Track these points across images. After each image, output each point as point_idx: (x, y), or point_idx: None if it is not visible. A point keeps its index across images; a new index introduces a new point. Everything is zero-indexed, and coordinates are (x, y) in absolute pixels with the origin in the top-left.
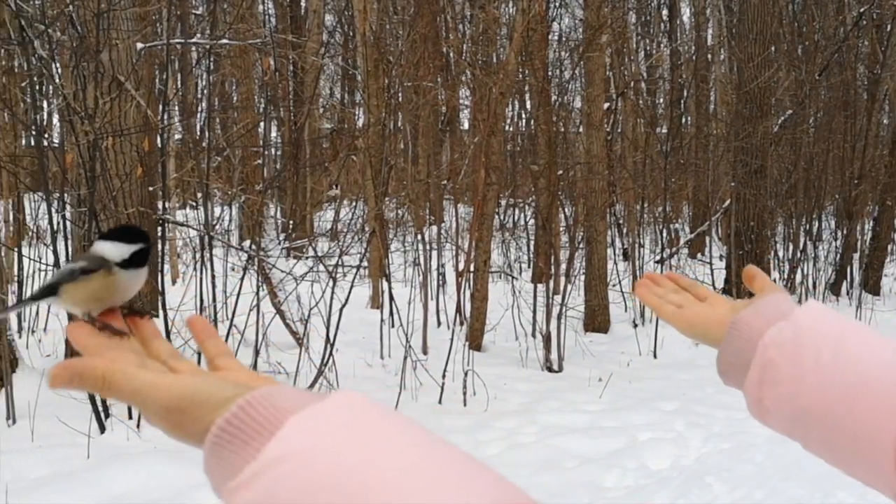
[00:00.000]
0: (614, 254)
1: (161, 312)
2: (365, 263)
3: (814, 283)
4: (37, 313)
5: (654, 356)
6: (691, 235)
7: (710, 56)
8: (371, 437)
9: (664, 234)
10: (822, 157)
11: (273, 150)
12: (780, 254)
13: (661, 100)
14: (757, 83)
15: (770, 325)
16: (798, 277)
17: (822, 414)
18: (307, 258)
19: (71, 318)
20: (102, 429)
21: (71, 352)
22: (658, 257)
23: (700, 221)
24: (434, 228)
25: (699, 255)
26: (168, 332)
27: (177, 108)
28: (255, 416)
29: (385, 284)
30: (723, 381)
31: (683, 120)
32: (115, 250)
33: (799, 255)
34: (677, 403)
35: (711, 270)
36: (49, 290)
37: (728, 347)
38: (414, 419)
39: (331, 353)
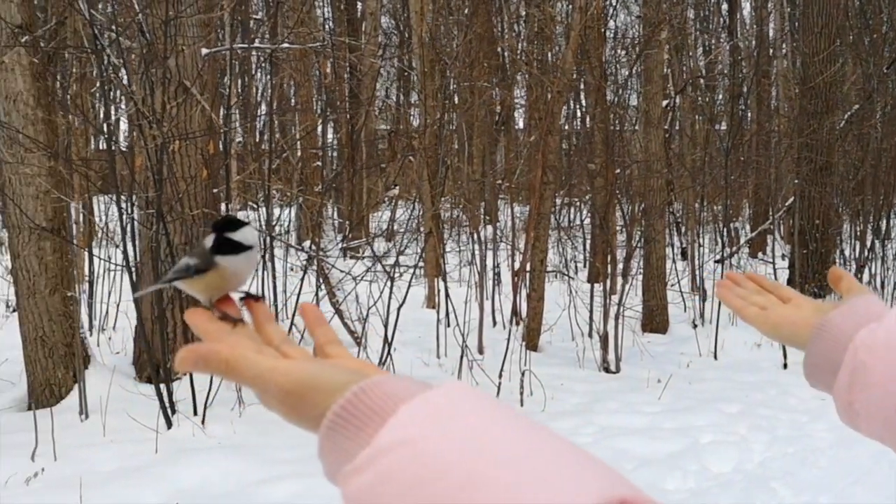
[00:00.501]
0: (673, 253)
1: None
2: (421, 263)
3: (882, 283)
4: (106, 312)
5: (715, 357)
6: (752, 234)
7: (771, 50)
8: (480, 426)
9: (724, 233)
10: (890, 152)
11: (331, 152)
12: (847, 253)
13: (721, 96)
14: (822, 78)
15: (861, 326)
16: (865, 277)
17: None
18: (364, 258)
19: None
20: (169, 424)
21: (139, 350)
22: (718, 257)
23: (761, 220)
24: (489, 228)
25: (760, 255)
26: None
27: (237, 111)
28: (369, 402)
29: (441, 284)
30: (809, 384)
31: (744, 116)
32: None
33: (866, 254)
34: (740, 406)
35: (774, 270)
36: (174, 279)
37: (815, 349)
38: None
39: (389, 353)
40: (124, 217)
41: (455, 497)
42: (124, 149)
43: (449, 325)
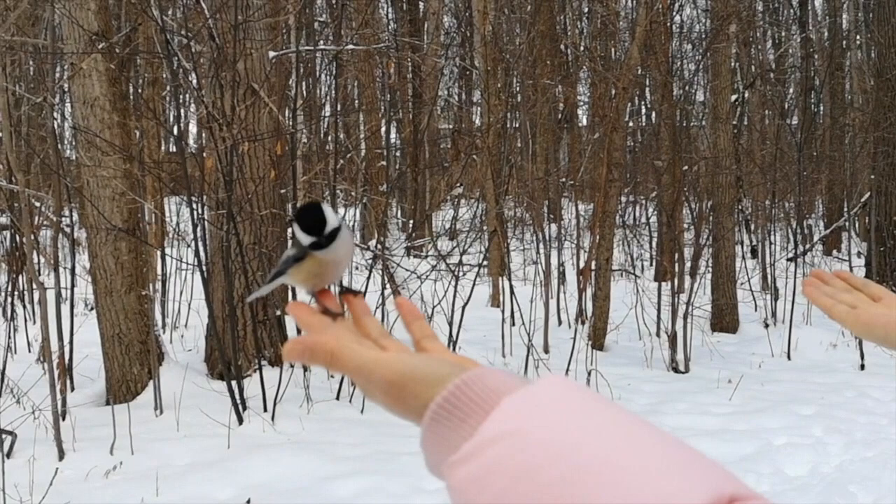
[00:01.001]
0: (742, 251)
1: None
2: (485, 262)
3: None
4: (179, 310)
5: (788, 358)
6: (826, 231)
7: (845, 42)
8: (585, 419)
9: (797, 231)
10: None
11: (395, 152)
12: None
13: (792, 90)
14: None
15: None
16: None
17: None
18: (428, 257)
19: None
20: (240, 420)
21: (210, 348)
22: (790, 255)
23: (836, 216)
24: (553, 226)
25: (835, 253)
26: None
27: (303, 113)
28: (471, 395)
29: (505, 283)
30: None
31: (817, 110)
32: (303, 237)
33: None
34: (815, 407)
35: (850, 268)
36: (279, 274)
37: None
38: (624, 406)
39: (454, 352)
40: (195, 217)
41: (557, 489)
42: (194, 151)
43: (514, 324)
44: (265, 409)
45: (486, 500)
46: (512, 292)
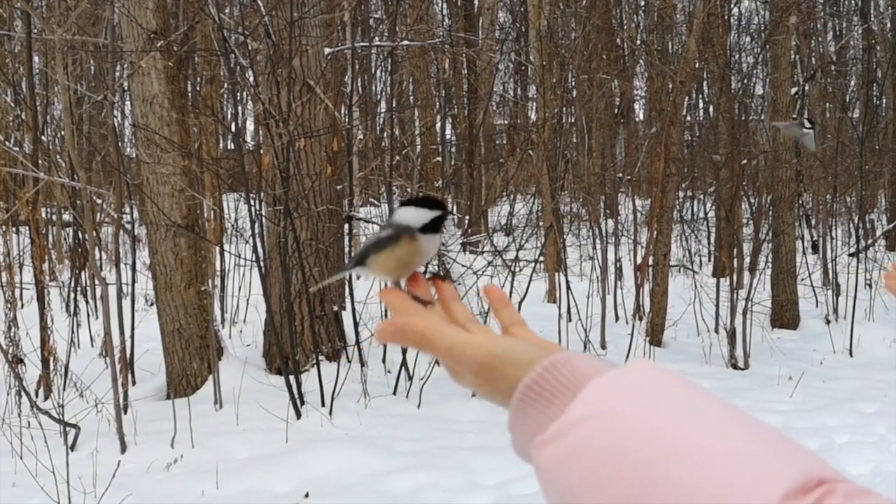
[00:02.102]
0: (803, 246)
1: (349, 305)
2: (541, 258)
3: None
4: (237, 306)
5: (850, 354)
6: (890, 226)
7: None
8: (668, 403)
9: (859, 226)
10: None
11: (450, 148)
12: None
13: (853, 82)
14: None
15: None
16: None
17: None
18: (484, 253)
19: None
20: (298, 415)
21: (268, 343)
22: (852, 250)
23: None
24: (610, 222)
25: None
26: (356, 324)
27: (356, 109)
28: (559, 377)
29: (562, 278)
30: None
31: (879, 103)
32: (416, 216)
33: None
34: (878, 405)
35: None
36: (360, 260)
37: None
38: (711, 391)
39: None
40: (253, 214)
41: (644, 470)
42: (252, 148)
43: (570, 320)
44: (322, 404)
45: (573, 478)
46: (568, 288)
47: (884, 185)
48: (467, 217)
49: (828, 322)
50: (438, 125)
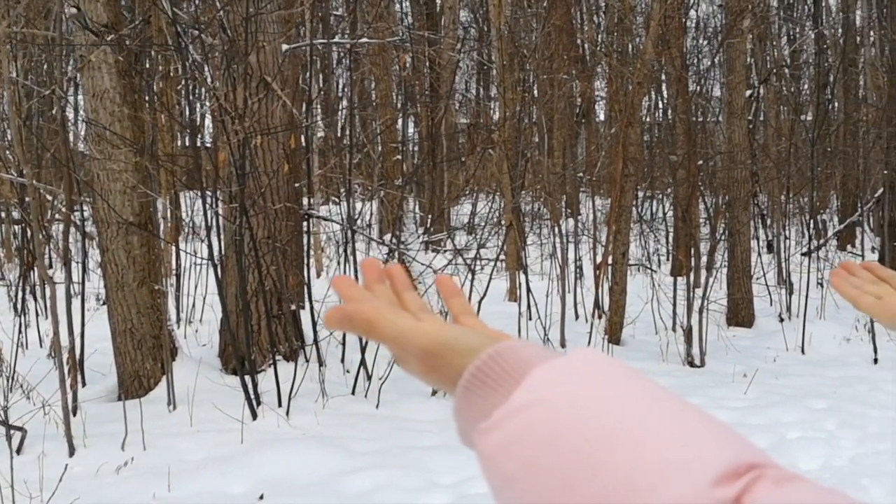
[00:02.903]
0: (758, 246)
1: (307, 304)
2: (502, 256)
3: None
4: (193, 305)
5: (802, 352)
6: (840, 227)
7: (858, 38)
8: (608, 389)
9: (811, 226)
10: None
11: (411, 146)
12: None
13: (806, 85)
14: None
15: None
16: None
17: None
18: (445, 251)
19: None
20: (254, 415)
21: (224, 342)
22: (804, 249)
23: (850, 212)
24: (570, 221)
25: (849, 248)
26: (315, 323)
27: (318, 106)
28: (504, 364)
29: (522, 277)
30: None
31: (831, 106)
32: None
33: None
34: (828, 401)
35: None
36: None
37: None
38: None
39: None
40: (208, 211)
41: (583, 454)
42: (208, 145)
43: (531, 319)
44: (279, 404)
45: (515, 465)
46: (528, 287)
47: (835, 187)
48: (429, 216)
49: (781, 320)
50: (400, 123)
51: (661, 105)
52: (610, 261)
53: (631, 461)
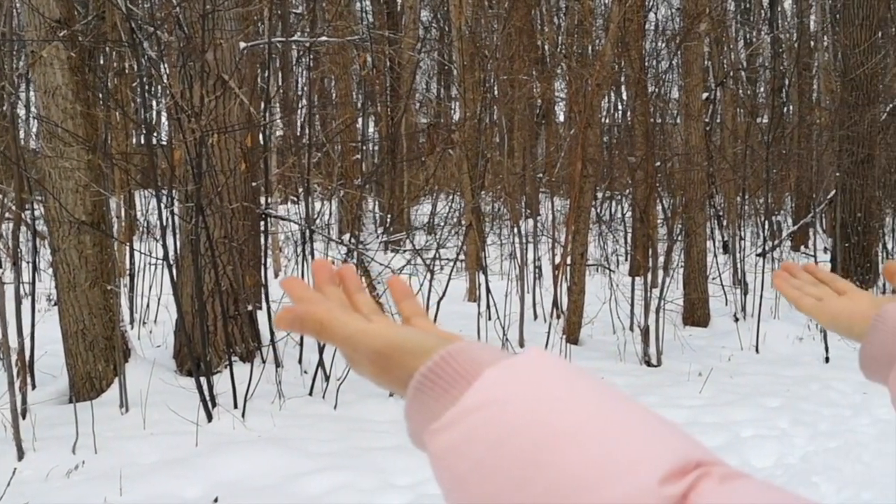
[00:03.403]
0: (714, 246)
1: (264, 304)
2: (462, 257)
3: None
4: (147, 306)
5: (756, 351)
6: (794, 228)
7: (812, 43)
8: (560, 390)
9: (766, 227)
10: None
11: (371, 146)
12: (889, 246)
13: (762, 89)
14: (863, 70)
15: None
16: None
17: None
18: (405, 251)
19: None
20: (210, 417)
21: (179, 343)
22: (759, 250)
23: (803, 213)
24: (530, 221)
25: (802, 248)
26: (272, 324)
27: (278, 105)
28: (455, 366)
29: (482, 277)
30: (864, 375)
31: (785, 109)
32: None
33: None
34: (781, 400)
35: (816, 263)
36: None
37: (872, 340)
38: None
39: None
40: (164, 211)
41: (531, 454)
42: (164, 143)
43: (490, 319)
44: (235, 406)
45: (465, 466)
46: (488, 287)
47: (789, 188)
48: (388, 215)
49: (736, 320)
50: (360, 123)
51: (620, 107)
52: (568, 261)
53: (579, 460)
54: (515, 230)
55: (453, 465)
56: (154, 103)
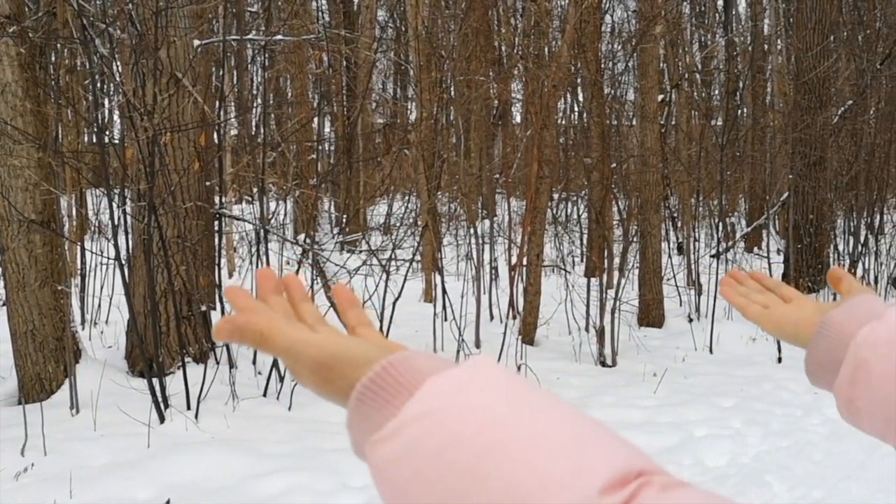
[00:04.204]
0: (669, 248)
1: (218, 305)
2: (418, 257)
3: (875, 278)
4: (99, 305)
5: (710, 351)
6: (748, 229)
7: (766, 46)
8: (501, 400)
9: (720, 228)
10: (883, 148)
11: (327, 145)
12: (841, 248)
13: (717, 91)
14: (816, 73)
15: (862, 324)
16: (859, 272)
17: None
18: (360, 252)
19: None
20: (162, 419)
21: (131, 344)
22: (713, 251)
23: (757, 215)
24: (486, 222)
25: (756, 249)
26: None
27: (233, 104)
28: (397, 376)
29: (438, 278)
30: (810, 382)
31: (739, 112)
32: None
33: (860, 248)
34: (734, 400)
35: (769, 265)
36: None
37: (817, 347)
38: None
39: None
40: (116, 210)
41: (472, 465)
42: (116, 141)
43: (446, 319)
44: (188, 407)
45: (405, 477)
46: (444, 287)
47: (743, 190)
48: (344, 216)
49: (690, 320)
50: (316, 122)
51: (576, 108)
52: (525, 262)
53: (520, 471)
54: (472, 231)
55: (394, 476)
56: (106, 101)
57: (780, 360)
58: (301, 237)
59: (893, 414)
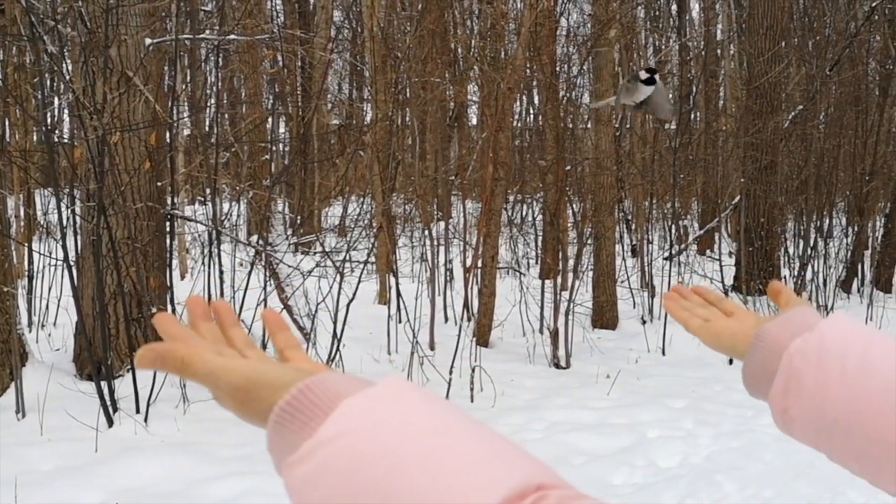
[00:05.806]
0: (623, 250)
1: (169, 307)
2: (372, 259)
3: (824, 281)
4: (47, 307)
5: (663, 353)
6: (700, 232)
7: (719, 51)
8: (411, 419)
9: (673, 231)
10: (833, 153)
11: (281, 146)
12: (791, 251)
13: (671, 95)
14: (767, 78)
15: (795, 336)
16: (808, 275)
17: (847, 423)
18: (314, 253)
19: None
20: (110, 423)
21: (79, 347)
22: (667, 254)
23: (709, 218)
24: (442, 224)
25: (708, 252)
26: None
27: (185, 103)
28: (313, 398)
29: (392, 280)
30: (748, 393)
31: (692, 116)
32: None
33: (809, 252)
34: (686, 401)
35: (721, 267)
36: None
37: (753, 359)
38: (457, 406)
39: (338, 349)
40: (64, 210)
41: (380, 485)
42: (65, 141)
43: (400, 321)
44: (137, 411)
45: (319, 498)
46: (398, 289)
47: (696, 193)
48: (298, 217)
49: (643, 322)
50: (269, 123)
51: (531, 111)
52: (479, 264)
53: (426, 488)
54: (427, 233)
55: (308, 496)
56: (55, 100)
57: (731, 361)
58: (254, 238)
59: (825, 423)
